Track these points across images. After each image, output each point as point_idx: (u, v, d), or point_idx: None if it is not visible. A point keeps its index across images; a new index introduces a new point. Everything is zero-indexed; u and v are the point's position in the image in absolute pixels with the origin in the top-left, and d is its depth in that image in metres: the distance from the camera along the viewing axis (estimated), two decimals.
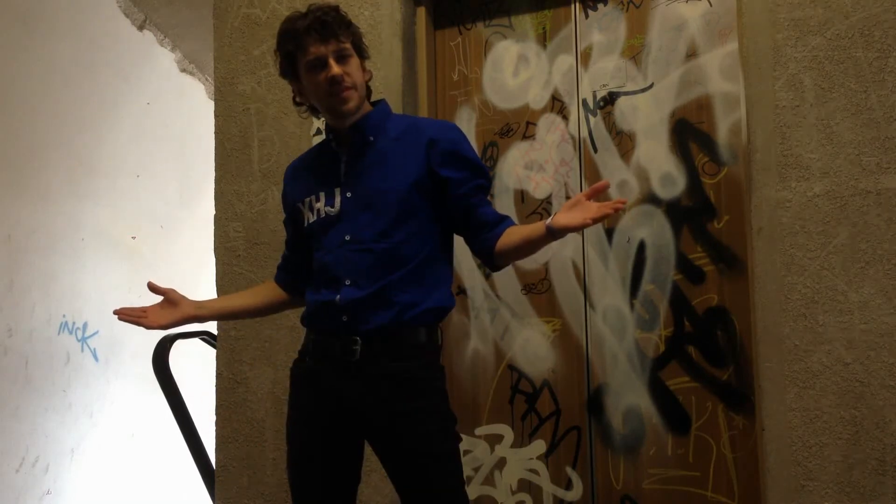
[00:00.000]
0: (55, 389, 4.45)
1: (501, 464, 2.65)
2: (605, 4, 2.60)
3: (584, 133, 2.60)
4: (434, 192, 1.76)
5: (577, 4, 2.64)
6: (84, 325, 4.63)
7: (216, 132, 2.93)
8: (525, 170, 2.68)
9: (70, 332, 4.55)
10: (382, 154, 1.77)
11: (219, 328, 2.86)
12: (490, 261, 1.80)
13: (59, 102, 4.37)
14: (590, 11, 2.62)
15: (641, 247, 2.50)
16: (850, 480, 2.08)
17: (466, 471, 2.66)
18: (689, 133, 2.46)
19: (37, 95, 4.24)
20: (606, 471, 2.52)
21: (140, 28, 4.62)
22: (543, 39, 2.69)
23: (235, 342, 2.81)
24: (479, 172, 1.79)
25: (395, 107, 2.63)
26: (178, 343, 3.29)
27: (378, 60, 2.67)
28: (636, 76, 2.55)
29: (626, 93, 2.55)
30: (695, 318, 2.43)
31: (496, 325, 2.68)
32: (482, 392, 2.69)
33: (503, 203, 2.69)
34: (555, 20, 2.68)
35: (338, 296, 1.72)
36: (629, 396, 2.49)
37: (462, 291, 2.72)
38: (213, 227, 2.89)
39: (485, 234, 1.76)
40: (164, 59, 4.86)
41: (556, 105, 2.65)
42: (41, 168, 4.35)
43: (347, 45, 1.74)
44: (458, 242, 1.86)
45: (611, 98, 2.58)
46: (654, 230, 2.49)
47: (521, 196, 2.68)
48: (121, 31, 4.54)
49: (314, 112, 1.84)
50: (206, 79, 4.96)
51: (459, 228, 1.82)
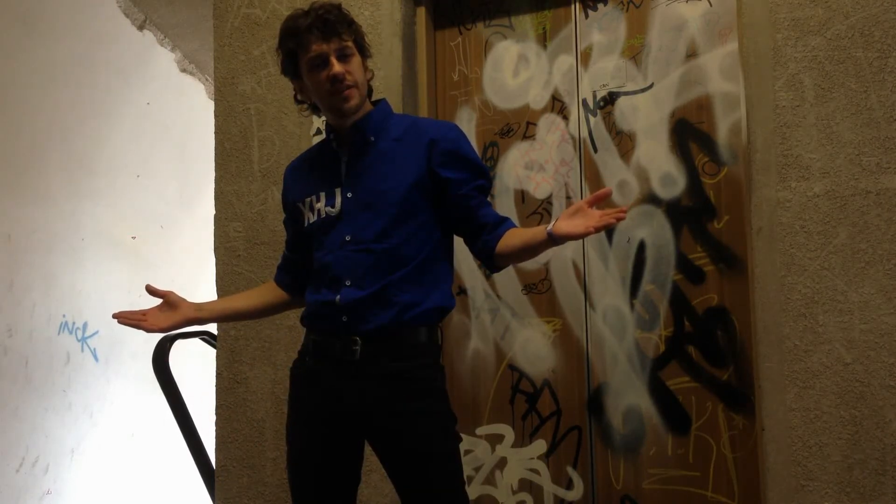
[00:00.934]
0: (55, 389, 4.45)
1: (502, 463, 2.65)
2: (605, 4, 2.60)
3: (585, 133, 2.60)
4: (434, 193, 1.76)
5: (577, 4, 2.64)
6: (84, 325, 4.63)
7: (216, 132, 2.93)
8: (525, 170, 2.68)
9: (70, 332, 4.55)
10: (383, 154, 1.77)
11: (219, 328, 2.87)
12: (490, 262, 1.80)
13: (59, 102, 4.37)
14: (590, 11, 2.62)
15: (641, 247, 2.50)
16: (850, 480, 2.08)
17: (467, 470, 2.66)
18: (689, 133, 2.46)
19: (37, 95, 4.24)
20: (607, 471, 2.52)
21: (140, 28, 4.62)
22: (543, 39, 2.69)
23: (235, 342, 2.82)
24: (480, 173, 1.79)
25: (396, 107, 2.63)
26: (178, 343, 3.28)
27: (378, 60, 2.67)
28: (636, 76, 2.55)
29: (626, 93, 2.55)
30: (695, 318, 2.43)
31: (497, 325, 2.68)
32: (483, 392, 2.69)
33: (503, 203, 2.69)
34: (555, 20, 2.68)
35: (338, 296, 1.71)
36: (629, 396, 2.49)
37: (462, 291, 2.72)
38: (213, 227, 2.89)
39: (485, 236, 1.76)
40: (164, 59, 4.86)
41: (557, 105, 2.65)
42: (41, 168, 4.35)
43: (349, 44, 1.74)
44: (459, 243, 1.86)
45: (611, 98, 2.58)
46: (654, 230, 2.49)
47: (522, 196, 2.68)
48: (121, 31, 4.54)
49: (315, 110, 1.84)
50: (206, 79, 4.96)
51: (459, 229, 1.82)
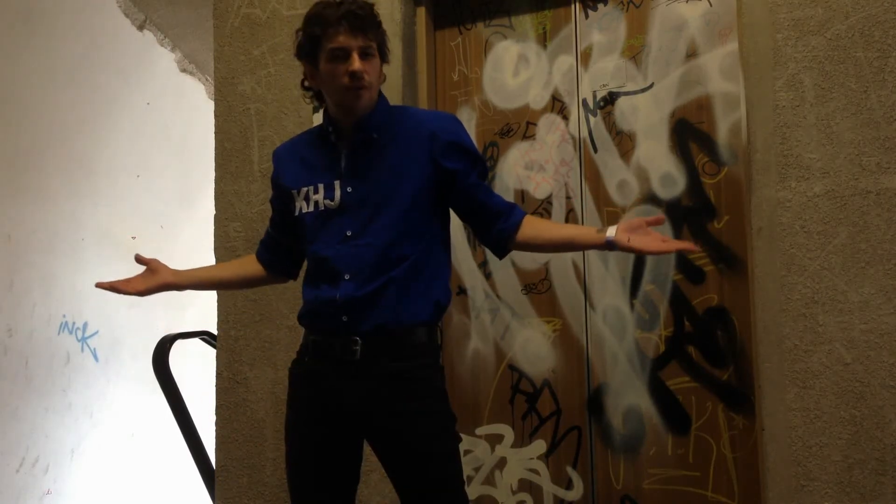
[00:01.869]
0: (55, 389, 4.44)
1: (502, 464, 2.65)
2: (606, 4, 2.60)
3: (585, 133, 2.60)
4: (437, 186, 1.76)
5: (578, 4, 2.64)
6: (84, 325, 4.63)
7: (216, 132, 2.93)
8: (525, 170, 2.68)
9: (70, 332, 4.55)
10: (385, 150, 1.77)
11: (219, 328, 2.86)
12: (502, 249, 1.83)
13: (60, 102, 4.37)
14: (590, 11, 2.62)
15: None
16: (850, 480, 2.08)
17: (467, 471, 2.66)
18: (689, 133, 2.46)
19: (37, 95, 4.24)
20: (607, 471, 2.52)
21: (140, 28, 4.62)
22: (543, 39, 2.69)
23: (235, 342, 2.81)
24: (479, 160, 1.82)
25: None
26: (178, 343, 3.29)
27: None
28: (636, 76, 2.55)
29: (627, 93, 2.55)
30: (695, 318, 2.43)
31: (496, 325, 2.68)
32: (483, 392, 2.69)
33: None
34: (555, 20, 2.68)
35: (338, 294, 1.71)
36: (629, 396, 2.49)
37: (462, 291, 2.72)
38: (213, 227, 2.89)
39: (500, 224, 1.79)
40: (164, 59, 4.85)
41: (557, 105, 2.65)
42: (41, 168, 4.35)
43: (373, 45, 1.74)
44: (457, 242, 1.86)
45: (611, 98, 2.58)
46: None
47: (522, 196, 2.68)
48: (121, 31, 4.54)
49: (319, 98, 1.83)
50: (206, 79, 4.96)
51: (469, 218, 1.84)
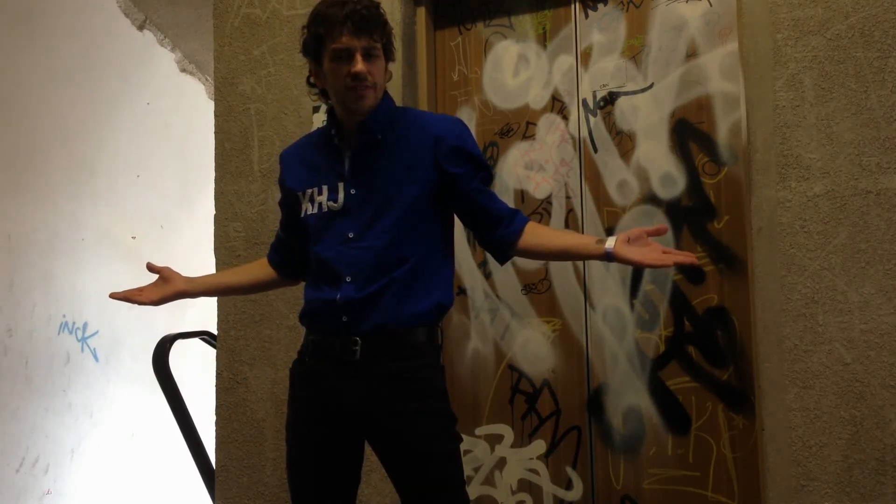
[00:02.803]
0: (55, 389, 4.44)
1: (501, 464, 2.65)
2: (605, 4, 2.60)
3: (585, 133, 2.60)
4: (439, 190, 1.76)
5: (577, 4, 2.64)
6: (84, 325, 4.63)
7: (216, 132, 2.93)
8: (525, 170, 2.68)
9: (70, 332, 4.55)
10: (388, 152, 1.75)
11: (219, 328, 2.86)
12: (504, 255, 1.81)
13: (60, 102, 4.37)
14: (590, 11, 2.62)
15: None
16: (850, 480, 2.08)
17: (466, 471, 2.66)
18: (689, 133, 2.46)
19: (37, 95, 4.24)
20: (607, 471, 2.52)
21: (140, 28, 4.62)
22: (543, 39, 2.69)
23: (235, 342, 2.81)
24: (483, 165, 1.80)
25: None
26: (178, 343, 3.29)
27: None
28: (636, 76, 2.55)
29: (627, 93, 2.55)
30: (695, 318, 2.43)
31: (496, 325, 2.68)
32: (482, 392, 2.69)
33: None
34: (555, 20, 2.68)
35: (338, 294, 1.70)
36: (629, 396, 2.49)
37: (462, 291, 2.72)
38: (213, 227, 2.89)
39: (502, 230, 1.76)
40: (164, 59, 4.86)
41: (557, 105, 2.65)
42: (41, 168, 4.35)
43: (378, 45, 1.72)
44: (456, 243, 1.86)
45: (611, 98, 2.58)
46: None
47: (522, 196, 2.68)
48: (121, 31, 4.54)
49: (324, 96, 1.82)
50: (206, 79, 4.96)
51: (470, 222, 1.82)
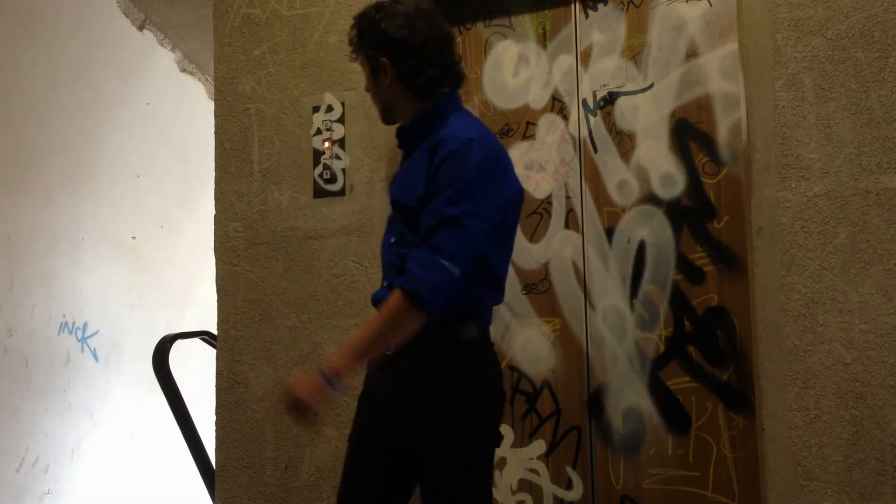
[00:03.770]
0: (55, 389, 4.45)
1: (501, 464, 2.65)
2: (605, 4, 2.60)
3: (585, 133, 2.60)
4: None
5: (577, 4, 2.64)
6: (84, 325, 4.63)
7: (216, 132, 2.93)
8: (525, 170, 2.68)
9: (70, 332, 4.56)
10: (411, 160, 1.79)
11: (219, 328, 2.86)
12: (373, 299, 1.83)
13: (60, 102, 4.37)
14: (590, 11, 2.62)
15: (642, 247, 2.50)
16: (850, 480, 2.08)
17: None
18: (690, 133, 2.46)
19: (37, 95, 4.25)
20: (606, 471, 2.52)
21: (140, 28, 4.62)
22: (543, 39, 2.69)
23: (235, 342, 2.81)
24: (459, 199, 1.64)
25: None
26: (178, 343, 3.29)
27: None
28: (636, 76, 2.55)
29: (627, 93, 2.55)
30: (695, 318, 2.43)
31: (496, 325, 2.68)
32: None
33: None
34: (555, 20, 2.68)
35: (377, 294, 1.78)
36: (629, 396, 2.49)
37: None
38: (213, 227, 2.89)
39: (393, 278, 1.76)
40: (164, 59, 4.85)
41: (557, 105, 2.65)
42: (42, 168, 4.35)
43: (362, 59, 1.80)
44: None
45: (611, 98, 2.57)
46: (655, 230, 2.49)
47: (522, 197, 2.67)
48: (121, 31, 4.54)
49: None
50: (206, 79, 4.96)
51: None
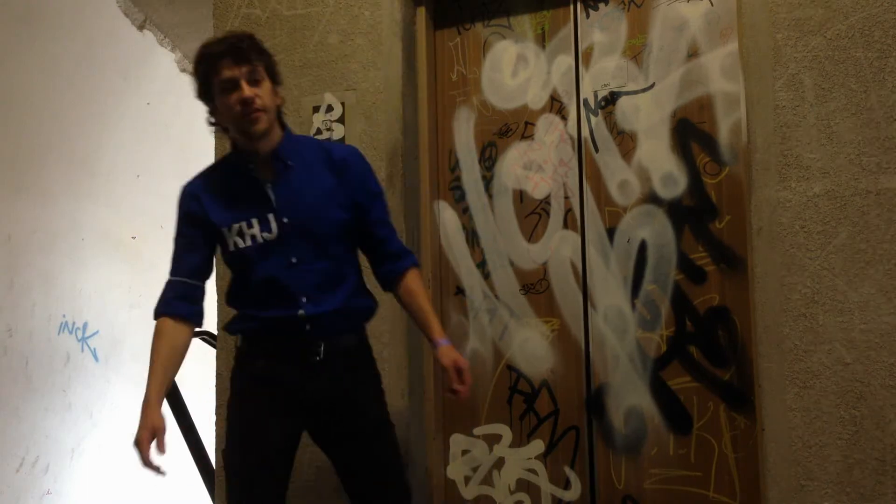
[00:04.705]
0: (55, 389, 4.45)
1: (500, 463, 2.65)
2: (607, 4, 2.60)
3: (586, 133, 2.60)
4: (352, 213, 1.96)
5: (578, 4, 2.64)
6: (84, 325, 4.63)
7: (216, 132, 2.92)
8: (524, 170, 2.68)
9: (70, 332, 4.56)
10: (308, 179, 1.92)
11: (219, 328, 2.86)
12: (388, 287, 2.07)
13: (60, 102, 4.37)
14: (591, 11, 2.62)
15: (643, 247, 2.50)
16: (850, 480, 2.08)
17: (465, 470, 2.67)
18: (691, 133, 2.46)
19: (37, 95, 4.25)
20: (608, 470, 2.52)
21: (140, 28, 4.62)
22: (542, 40, 2.69)
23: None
24: (382, 197, 2.05)
25: (395, 106, 2.63)
26: None
27: (378, 60, 2.67)
28: (637, 76, 2.54)
29: (628, 92, 2.55)
30: (696, 318, 2.43)
31: (494, 325, 2.68)
32: (481, 392, 2.69)
33: (502, 203, 2.69)
34: (553, 20, 2.68)
35: (300, 310, 1.88)
36: (631, 397, 2.49)
37: (460, 291, 2.72)
38: None
39: (389, 265, 2.04)
40: (164, 59, 4.86)
41: (555, 105, 2.65)
42: (41, 168, 4.35)
43: (260, 69, 1.86)
44: (455, 242, 1.87)
45: (612, 98, 2.57)
46: (656, 230, 2.49)
47: (521, 196, 2.68)
48: (121, 31, 4.54)
49: (226, 132, 1.95)
50: None
51: (367, 248, 2.06)
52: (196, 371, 4.21)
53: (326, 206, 1.90)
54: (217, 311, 2.86)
